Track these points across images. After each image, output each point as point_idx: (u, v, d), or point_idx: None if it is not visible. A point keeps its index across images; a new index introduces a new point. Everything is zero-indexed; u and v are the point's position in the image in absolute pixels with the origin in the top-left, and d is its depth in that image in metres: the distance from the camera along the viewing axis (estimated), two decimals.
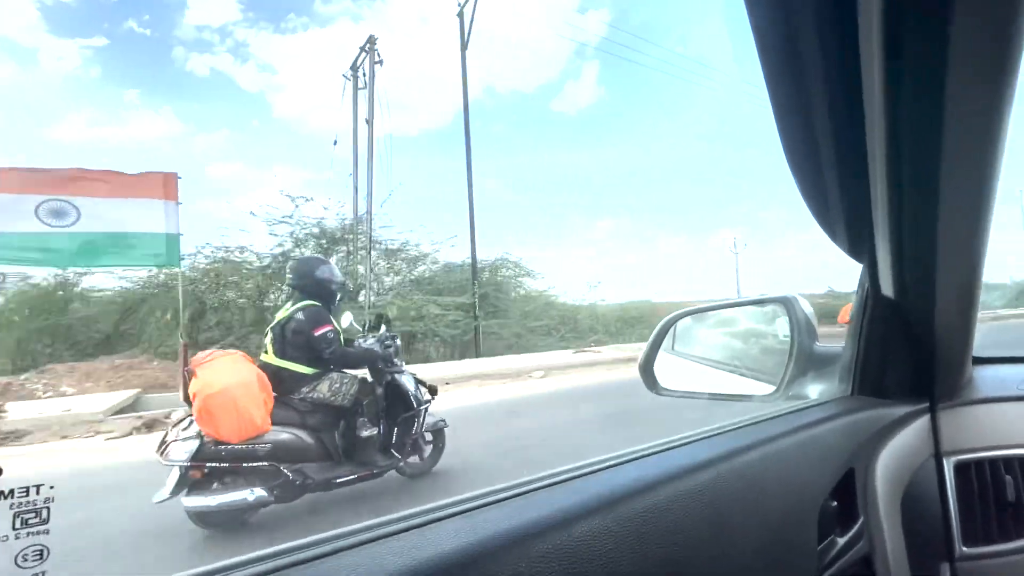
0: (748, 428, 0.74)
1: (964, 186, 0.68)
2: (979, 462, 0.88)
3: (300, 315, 3.07)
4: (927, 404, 0.99)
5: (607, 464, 0.58)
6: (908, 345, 0.98)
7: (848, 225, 0.84)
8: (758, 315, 1.33)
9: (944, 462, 0.91)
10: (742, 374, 1.30)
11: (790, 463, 0.71)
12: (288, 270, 3.10)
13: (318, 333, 3.01)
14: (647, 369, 1.17)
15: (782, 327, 1.23)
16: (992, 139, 0.63)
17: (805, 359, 1.09)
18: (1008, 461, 0.87)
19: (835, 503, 0.74)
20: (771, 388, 1.13)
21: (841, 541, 0.74)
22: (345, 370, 3.22)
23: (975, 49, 0.54)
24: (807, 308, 1.11)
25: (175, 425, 2.82)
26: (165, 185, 6.82)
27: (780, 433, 0.73)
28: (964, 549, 0.85)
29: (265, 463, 2.76)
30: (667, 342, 1.45)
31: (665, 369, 1.36)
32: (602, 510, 0.48)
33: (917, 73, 0.57)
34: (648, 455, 0.62)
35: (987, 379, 1.07)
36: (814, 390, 1.07)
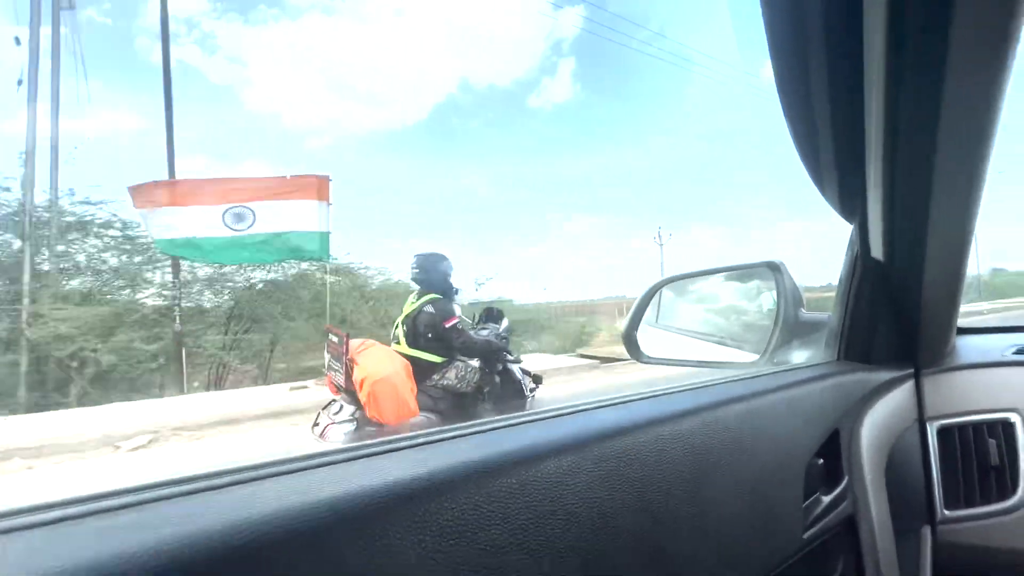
0: (735, 383, 0.71)
1: (959, 154, 0.66)
2: (962, 427, 0.87)
3: (430, 308, 3.30)
4: (911, 370, 0.97)
5: (585, 407, 0.55)
6: (894, 310, 0.96)
7: (841, 182, 0.82)
8: (742, 289, 1.30)
9: (928, 427, 0.89)
10: (727, 344, 1.28)
11: (777, 419, 0.69)
12: (413, 265, 3.43)
13: (448, 325, 3.24)
14: (630, 338, 1.15)
15: (766, 300, 1.21)
16: (989, 112, 0.61)
17: (791, 327, 1.07)
18: (992, 425, 0.86)
19: (821, 461, 0.72)
20: (756, 356, 1.11)
21: (826, 499, 0.72)
22: (467, 359, 3.43)
23: (976, 21, 0.51)
24: (793, 276, 1.08)
25: (324, 408, 3.09)
26: (319, 187, 7.49)
27: (767, 389, 0.70)
28: (945, 512, 0.84)
29: None
30: (651, 313, 1.43)
31: (650, 339, 1.34)
32: (575, 448, 0.45)
33: (918, 38, 0.56)
34: (630, 401, 0.59)
35: (970, 347, 1.06)
36: (800, 356, 1.05)
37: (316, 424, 3.00)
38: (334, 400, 3.07)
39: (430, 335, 3.26)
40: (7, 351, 7.80)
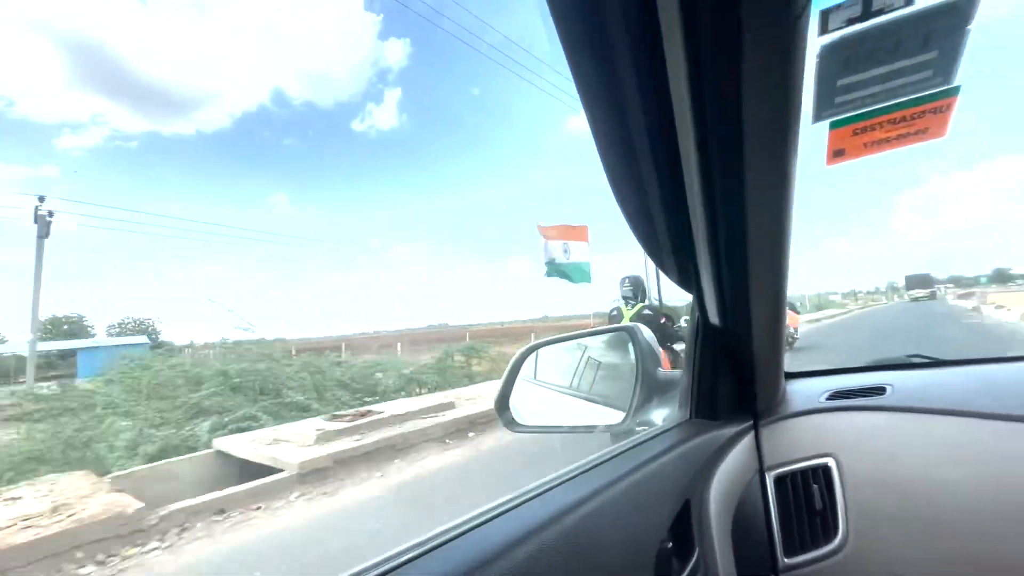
0: (586, 474, 0.70)
1: (765, 229, 0.75)
2: (793, 474, 0.96)
3: (647, 311, 4.97)
4: (751, 422, 1.07)
5: (433, 544, 0.49)
6: (733, 368, 1.06)
7: (677, 261, 0.88)
8: (612, 342, 1.36)
9: (767, 477, 0.97)
10: (598, 402, 1.31)
11: (628, 507, 0.69)
12: (625, 284, 5.13)
13: (663, 322, 4.83)
14: (503, 405, 1.12)
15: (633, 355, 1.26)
16: (783, 189, 0.70)
17: (650, 385, 1.13)
18: (815, 470, 0.95)
19: (671, 543, 0.73)
20: (623, 415, 1.15)
21: None
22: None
23: (765, 103, 0.58)
24: (648, 335, 1.15)
25: None
26: (584, 232, 11.41)
27: (617, 477, 0.70)
28: (785, 560, 0.91)
29: None
30: (529, 373, 1.43)
31: (526, 401, 1.33)
32: None
33: (719, 129, 0.62)
34: (468, 530, 0.53)
35: (798, 393, 1.19)
36: (659, 415, 1.10)
37: None
38: None
39: (653, 327, 4.65)
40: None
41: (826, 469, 0.95)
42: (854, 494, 0.90)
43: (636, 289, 5.15)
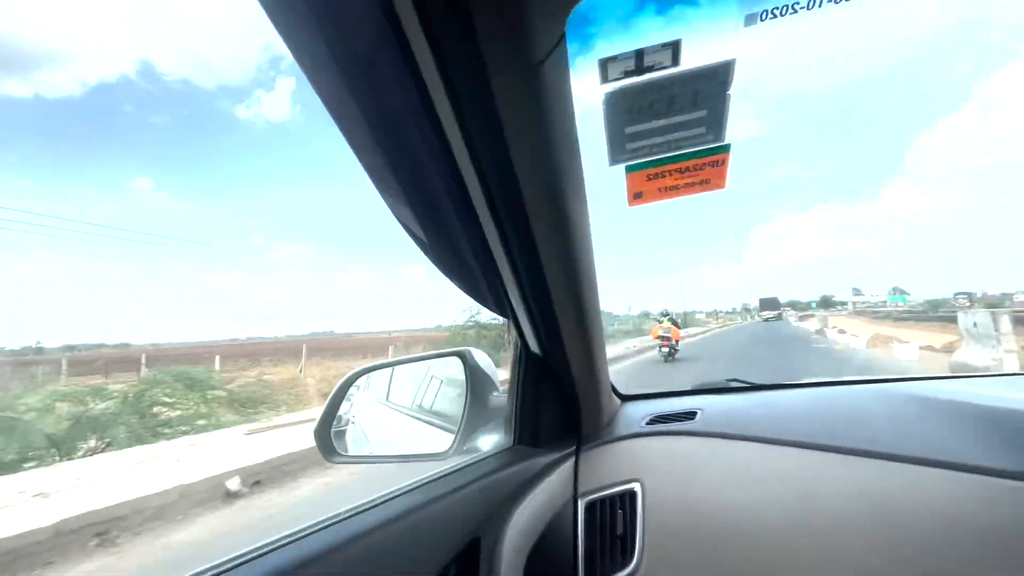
0: (376, 508, 0.67)
1: (560, 263, 0.76)
2: (603, 500, 0.99)
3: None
4: (574, 447, 1.09)
5: None
6: (557, 395, 1.07)
7: (491, 291, 0.87)
8: (452, 364, 1.33)
9: (579, 503, 0.99)
10: (441, 427, 1.27)
11: (410, 543, 0.66)
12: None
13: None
14: (323, 434, 1.04)
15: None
16: (571, 226, 0.72)
17: (481, 411, 1.11)
18: (623, 495, 0.98)
19: None
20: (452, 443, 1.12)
21: None
22: None
23: (532, 147, 0.58)
24: (483, 359, 1.13)
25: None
26: None
27: (405, 511, 0.67)
28: None
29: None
30: (380, 394, 1.35)
31: (366, 427, 1.25)
32: None
33: (496, 173, 0.61)
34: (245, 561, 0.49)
35: (628, 416, 1.25)
36: (489, 441, 1.09)
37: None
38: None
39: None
40: None
41: (632, 494, 0.99)
42: (653, 518, 0.94)
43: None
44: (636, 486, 0.99)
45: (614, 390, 1.35)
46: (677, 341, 13.11)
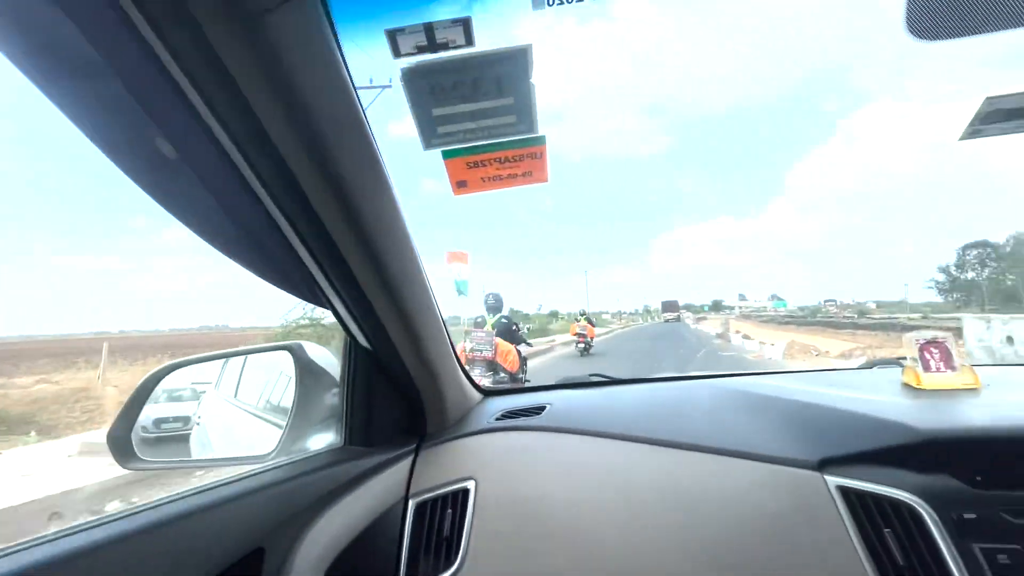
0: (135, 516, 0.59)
1: (364, 251, 0.71)
2: (434, 500, 0.95)
3: (504, 319, 6.02)
4: (414, 446, 1.04)
5: None
6: (395, 391, 1.02)
7: (305, 282, 0.80)
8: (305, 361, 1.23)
9: (409, 504, 0.95)
10: (278, 425, 1.17)
11: (173, 553, 0.58)
12: (489, 299, 6.03)
13: (514, 328, 6.04)
14: (119, 436, 0.91)
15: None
16: (366, 213, 0.67)
17: (314, 409, 1.03)
18: (456, 495, 0.95)
19: None
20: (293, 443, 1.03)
21: None
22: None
23: (278, 111, 0.53)
24: (318, 353, 1.05)
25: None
26: (464, 257, 11.99)
27: (166, 519, 0.60)
28: None
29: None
30: (230, 390, 1.22)
31: (208, 428, 1.13)
32: None
33: (263, 149, 0.56)
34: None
35: (480, 412, 1.22)
36: (321, 442, 1.01)
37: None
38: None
39: (505, 332, 5.84)
40: None
41: (464, 492, 0.96)
42: (483, 516, 0.92)
43: (497, 302, 6.24)
44: (470, 484, 0.96)
45: (476, 386, 1.32)
46: (592, 338, 13.62)
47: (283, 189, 0.59)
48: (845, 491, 0.79)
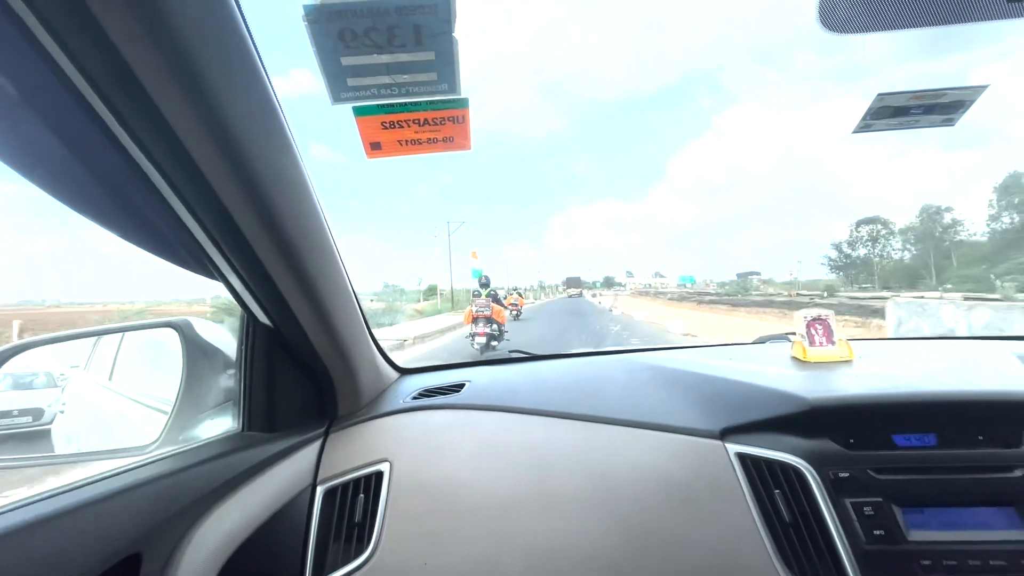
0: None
1: (258, 216, 0.63)
2: (345, 485, 0.89)
3: (493, 292, 8.51)
4: (323, 429, 0.97)
5: None
6: (300, 371, 0.94)
7: (190, 252, 0.70)
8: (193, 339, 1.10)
9: (317, 491, 0.88)
10: (158, 410, 1.04)
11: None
12: (482, 279, 8.60)
13: (502, 296, 9.46)
14: None
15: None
16: (253, 173, 0.59)
17: (206, 393, 0.92)
18: (368, 479, 0.90)
19: None
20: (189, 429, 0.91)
21: None
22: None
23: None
24: (211, 331, 0.94)
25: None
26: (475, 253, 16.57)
27: (19, 525, 0.49)
28: None
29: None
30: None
31: (74, 419, 0.97)
32: None
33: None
34: None
35: (397, 392, 1.16)
36: (211, 429, 0.91)
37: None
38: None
39: (496, 300, 8.03)
40: None
41: (379, 475, 0.91)
42: (398, 499, 0.88)
43: (487, 280, 8.76)
44: (384, 467, 0.92)
45: (392, 364, 1.27)
46: (521, 308, 14.86)
47: (155, 135, 0.50)
48: (743, 457, 0.85)
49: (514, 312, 14.09)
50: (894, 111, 0.86)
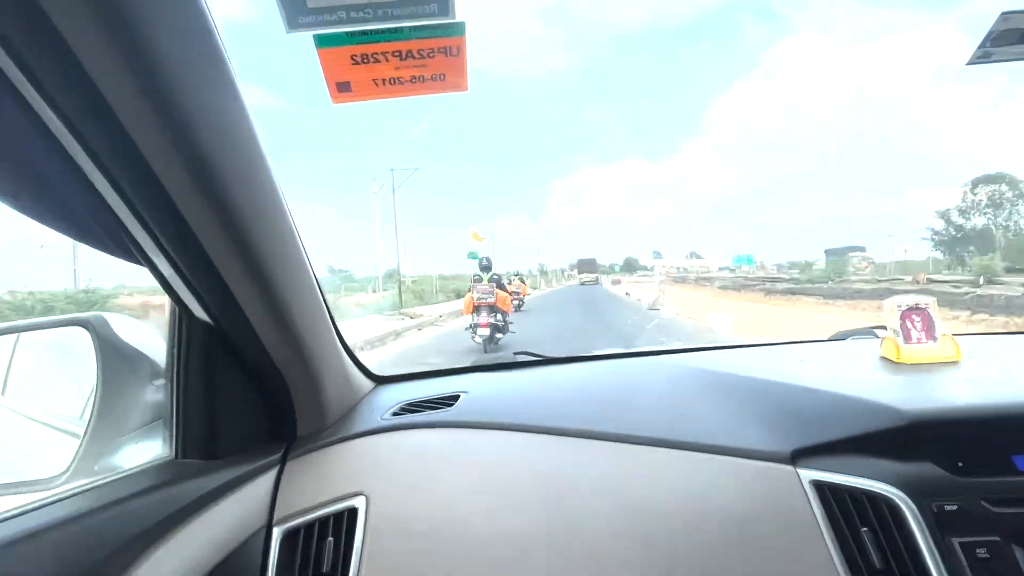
0: None
1: (192, 187, 0.47)
2: (309, 525, 0.72)
3: (496, 276, 7.99)
4: (280, 455, 0.79)
5: None
6: (249, 382, 0.76)
7: (111, 234, 0.53)
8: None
9: (273, 533, 0.71)
10: (67, 432, 0.84)
11: None
12: (483, 262, 8.18)
13: (503, 282, 8.39)
14: None
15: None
16: (208, 95, 0.43)
17: (126, 410, 0.74)
18: (338, 517, 0.73)
19: None
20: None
21: None
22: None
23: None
24: (132, 330, 0.75)
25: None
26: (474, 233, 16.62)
27: None
28: None
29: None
30: None
31: None
32: None
33: None
34: None
35: (372, 406, 0.97)
36: (136, 455, 0.73)
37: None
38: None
39: (499, 285, 7.79)
40: None
41: (352, 513, 0.73)
42: (376, 543, 0.71)
43: (489, 263, 8.21)
44: (358, 501, 0.74)
45: (366, 371, 1.06)
46: (524, 296, 14.19)
47: (62, 80, 0.35)
48: (820, 486, 0.69)
49: (516, 301, 12.37)
50: (1021, 35, 0.67)
